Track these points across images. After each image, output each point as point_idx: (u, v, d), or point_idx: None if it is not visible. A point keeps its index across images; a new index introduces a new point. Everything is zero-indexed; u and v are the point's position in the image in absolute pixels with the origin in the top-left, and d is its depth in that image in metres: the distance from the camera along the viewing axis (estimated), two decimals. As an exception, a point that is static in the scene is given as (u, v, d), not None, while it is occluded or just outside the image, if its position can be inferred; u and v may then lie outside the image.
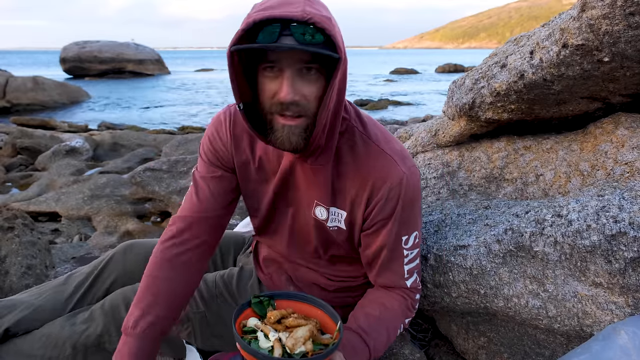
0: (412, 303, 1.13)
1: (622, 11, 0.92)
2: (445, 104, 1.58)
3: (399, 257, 1.09)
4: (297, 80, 0.87)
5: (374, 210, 1.04)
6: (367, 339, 1.04)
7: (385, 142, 1.05)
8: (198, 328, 1.21)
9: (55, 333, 1.15)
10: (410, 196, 1.04)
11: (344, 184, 1.05)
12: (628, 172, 1.12)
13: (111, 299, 1.21)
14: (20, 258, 1.86)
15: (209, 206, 1.12)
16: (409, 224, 1.07)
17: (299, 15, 0.80)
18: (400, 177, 1.01)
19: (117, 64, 30.63)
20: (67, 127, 9.91)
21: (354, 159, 1.03)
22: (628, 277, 0.96)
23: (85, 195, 3.39)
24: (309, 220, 1.12)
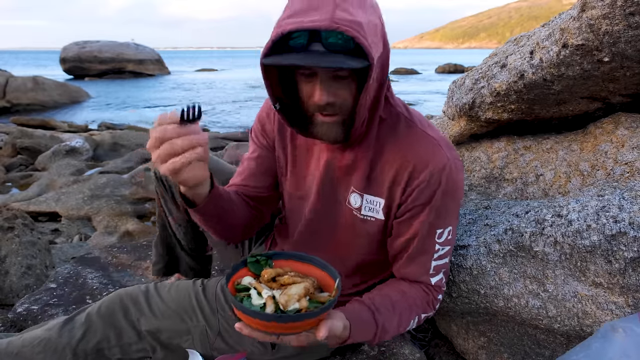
0: (434, 300, 1.07)
1: (622, 11, 0.92)
2: (445, 104, 1.58)
3: (429, 250, 1.03)
4: (331, 84, 0.88)
5: (412, 195, 0.99)
6: (377, 315, 0.99)
7: (430, 128, 1.03)
8: (198, 341, 1.19)
9: (54, 338, 1.13)
10: (451, 186, 0.98)
11: (382, 169, 1.02)
12: (628, 172, 1.12)
13: (108, 302, 1.19)
14: (20, 258, 1.86)
15: (249, 182, 1.18)
16: (446, 217, 1.01)
17: (327, 24, 0.78)
18: (444, 163, 0.97)
19: (117, 64, 30.65)
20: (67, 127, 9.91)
21: (396, 142, 1.00)
22: (628, 277, 0.96)
23: (85, 195, 3.39)
24: (341, 214, 1.09)
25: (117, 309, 1.17)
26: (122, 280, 1.91)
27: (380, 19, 0.88)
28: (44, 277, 1.91)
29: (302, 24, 0.79)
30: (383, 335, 1.00)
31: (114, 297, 1.21)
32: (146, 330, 1.17)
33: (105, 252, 2.15)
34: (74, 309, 1.63)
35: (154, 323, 1.17)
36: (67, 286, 1.77)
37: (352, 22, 0.78)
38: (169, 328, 1.18)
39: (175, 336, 1.18)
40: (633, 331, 0.89)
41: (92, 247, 2.45)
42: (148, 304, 1.19)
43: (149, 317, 1.17)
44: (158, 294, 1.22)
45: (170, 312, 1.19)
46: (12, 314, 1.59)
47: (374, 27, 0.84)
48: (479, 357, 1.40)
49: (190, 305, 1.21)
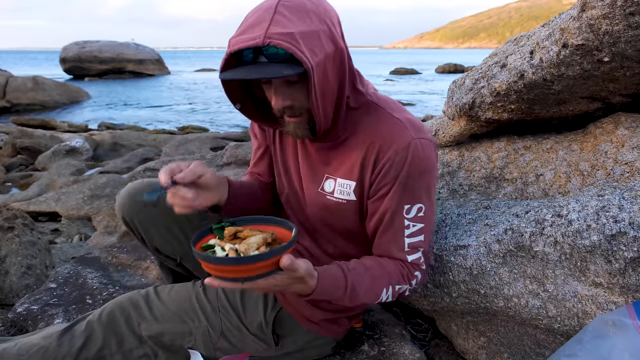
0: (409, 274, 1.10)
1: (622, 11, 0.92)
2: (445, 104, 1.58)
3: (399, 226, 1.07)
4: (285, 89, 0.97)
5: (380, 174, 1.04)
6: (347, 272, 1.03)
7: (398, 111, 1.08)
8: (201, 342, 1.19)
9: (53, 347, 1.12)
10: (418, 164, 1.03)
11: (352, 153, 1.08)
12: (628, 172, 1.12)
13: (109, 310, 1.19)
14: (20, 258, 1.86)
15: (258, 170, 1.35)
16: (414, 194, 1.05)
17: (261, 41, 0.86)
18: (407, 141, 1.02)
19: (117, 64, 30.65)
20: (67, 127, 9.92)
21: (364, 128, 1.07)
22: (628, 277, 0.96)
23: (85, 195, 3.39)
24: (318, 198, 1.15)
25: (118, 316, 1.17)
26: (122, 280, 1.91)
27: (327, 24, 0.95)
28: (44, 277, 1.91)
29: (243, 42, 0.88)
30: (353, 295, 1.03)
31: (115, 304, 1.21)
32: (147, 335, 1.17)
33: (105, 252, 2.15)
34: (74, 309, 1.63)
35: (156, 327, 1.18)
36: (67, 286, 1.77)
37: (283, 34, 0.86)
38: (171, 330, 1.18)
39: (177, 338, 1.19)
40: (623, 323, 0.90)
41: (92, 247, 2.45)
42: (149, 308, 1.19)
43: (150, 322, 1.18)
44: (158, 297, 1.22)
45: (171, 315, 1.19)
46: (12, 314, 1.59)
47: (313, 34, 0.91)
48: (479, 357, 1.40)
49: (191, 306, 1.21)
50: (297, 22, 0.90)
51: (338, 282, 1.01)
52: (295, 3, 0.92)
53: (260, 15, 0.90)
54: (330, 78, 0.96)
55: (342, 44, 0.98)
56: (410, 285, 1.11)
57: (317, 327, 1.23)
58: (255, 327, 1.20)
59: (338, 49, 0.96)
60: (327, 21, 0.95)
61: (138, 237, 1.37)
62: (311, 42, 0.90)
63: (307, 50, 0.88)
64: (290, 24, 0.89)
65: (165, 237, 1.34)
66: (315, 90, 0.92)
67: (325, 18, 0.95)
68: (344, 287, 1.02)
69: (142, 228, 1.33)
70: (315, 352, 1.28)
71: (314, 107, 0.96)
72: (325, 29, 0.94)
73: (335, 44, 0.95)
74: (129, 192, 1.30)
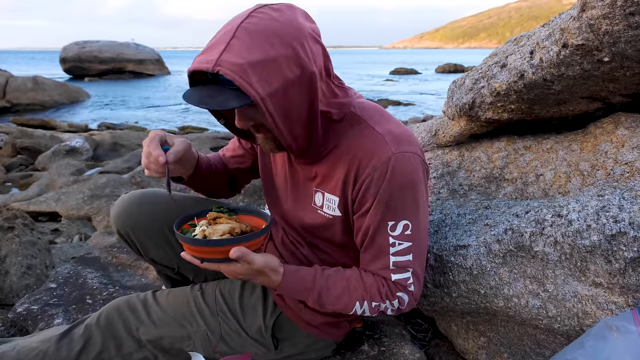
0: (388, 293, 1.06)
1: (622, 11, 0.92)
2: (445, 104, 1.58)
3: (383, 243, 1.04)
4: (246, 111, 0.96)
5: (361, 190, 1.02)
6: (318, 277, 1.06)
7: (380, 123, 1.04)
8: (200, 346, 1.19)
9: (51, 351, 1.13)
10: (399, 180, 0.99)
11: (335, 168, 1.07)
12: (628, 172, 1.12)
13: (106, 313, 1.19)
14: (20, 258, 1.86)
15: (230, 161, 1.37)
16: (397, 210, 1.01)
17: (210, 67, 0.85)
18: (387, 157, 0.98)
19: (117, 64, 30.65)
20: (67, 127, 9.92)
21: (346, 142, 1.05)
22: (628, 277, 0.96)
23: (85, 195, 3.39)
24: (310, 212, 1.15)
25: (116, 320, 1.18)
26: (122, 280, 1.91)
27: (293, 47, 0.89)
28: (44, 277, 1.91)
29: (198, 64, 0.88)
30: (321, 301, 1.06)
31: (112, 307, 1.21)
32: (146, 340, 1.17)
33: (105, 252, 2.15)
34: (74, 309, 1.63)
35: (154, 332, 1.18)
36: (67, 286, 1.77)
37: (233, 64, 0.85)
38: (170, 335, 1.18)
39: (176, 342, 1.19)
40: (626, 329, 0.89)
41: (92, 247, 2.45)
42: (147, 313, 1.20)
43: (148, 326, 1.18)
44: (156, 301, 1.22)
45: (169, 319, 1.19)
46: (12, 314, 1.59)
47: (270, 62, 0.87)
48: (479, 357, 1.40)
49: (190, 310, 1.21)
50: (253, 49, 0.86)
51: (305, 284, 1.05)
52: (259, 26, 0.88)
53: (221, 37, 0.89)
54: (295, 101, 0.92)
55: (312, 66, 0.92)
56: (392, 305, 1.07)
57: (317, 330, 1.23)
58: (254, 331, 1.20)
59: (306, 71, 0.91)
60: (294, 43, 0.90)
61: (134, 248, 1.38)
62: (264, 71, 0.87)
63: (256, 82, 0.86)
64: (244, 52, 0.86)
65: (162, 248, 1.34)
66: (272, 117, 0.91)
67: (292, 40, 0.89)
68: (310, 289, 1.05)
69: (138, 240, 1.33)
70: (315, 354, 1.28)
71: (274, 131, 0.95)
72: (289, 54, 0.89)
73: (302, 68, 0.90)
74: (123, 205, 1.31)
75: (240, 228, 1.02)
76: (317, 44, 0.95)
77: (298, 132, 0.97)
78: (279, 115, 0.92)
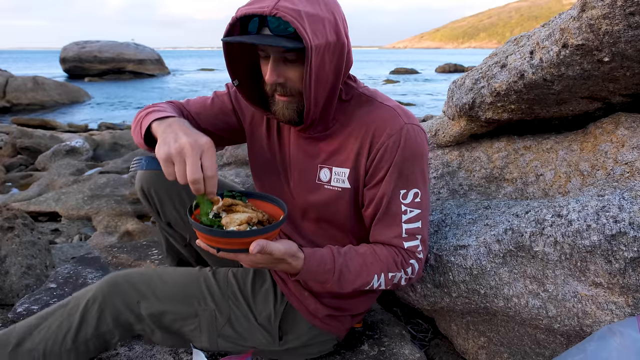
0: (403, 262, 1.09)
1: (622, 11, 0.92)
2: (445, 104, 1.58)
3: (396, 212, 1.07)
4: (280, 65, 0.99)
5: (375, 159, 1.06)
6: (337, 256, 1.05)
7: (389, 100, 1.11)
8: (205, 326, 1.19)
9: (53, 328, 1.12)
10: (411, 149, 1.05)
11: (347, 142, 1.10)
12: (628, 172, 1.12)
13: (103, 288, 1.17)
14: (20, 258, 1.86)
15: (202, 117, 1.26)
16: (409, 179, 1.07)
17: (268, 10, 0.89)
18: (400, 126, 1.04)
19: (117, 64, 30.64)
20: (67, 127, 9.92)
21: (358, 117, 1.09)
22: (628, 277, 0.96)
23: (85, 195, 3.39)
24: (314, 189, 1.16)
25: (115, 294, 1.16)
26: (122, 280, 1.91)
27: (334, 16, 0.98)
28: (44, 277, 1.91)
29: (249, 9, 0.92)
30: (342, 279, 1.05)
31: (109, 282, 1.18)
32: (148, 314, 1.17)
33: (105, 252, 2.15)
34: (74, 309, 1.63)
35: (157, 306, 1.17)
36: (67, 286, 1.77)
37: (291, 9, 0.90)
38: (173, 311, 1.18)
39: (179, 319, 1.18)
40: (630, 336, 0.88)
41: (92, 247, 2.45)
42: (151, 288, 1.18)
43: (151, 301, 1.17)
44: (161, 278, 1.21)
45: (175, 296, 1.18)
46: (12, 314, 1.59)
47: (319, 19, 0.94)
48: (479, 357, 1.40)
49: (199, 289, 1.20)
50: (305, 4, 0.93)
51: (325, 265, 1.03)
52: None
53: None
54: (327, 66, 0.97)
55: (345, 38, 1.00)
56: (406, 274, 1.10)
57: (320, 322, 1.23)
58: (263, 318, 1.21)
59: (340, 40, 0.98)
60: (334, 12, 0.98)
61: (153, 208, 1.38)
62: (315, 24, 0.92)
63: (309, 30, 0.91)
64: (299, 3, 0.92)
65: (178, 211, 1.35)
66: (310, 72, 0.95)
67: (333, 9, 0.98)
68: (331, 270, 1.03)
69: (158, 199, 1.33)
70: (317, 348, 1.28)
71: (306, 89, 0.97)
72: (331, 18, 0.96)
73: (338, 36, 0.97)
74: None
75: (257, 217, 0.99)
76: (347, 27, 1.03)
77: (320, 98, 1.01)
78: (315, 72, 0.95)
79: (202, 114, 1.26)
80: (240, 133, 1.31)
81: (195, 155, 0.88)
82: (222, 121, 1.28)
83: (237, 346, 1.22)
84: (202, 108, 1.27)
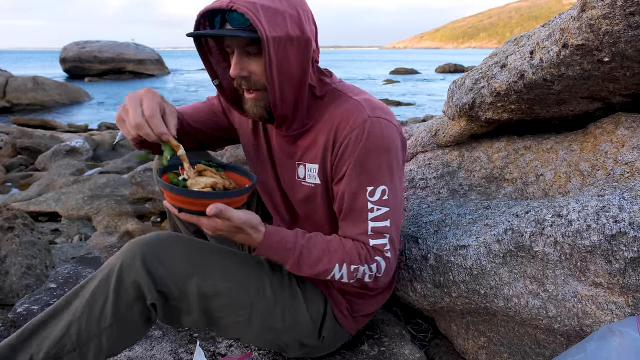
0: (367, 258, 1.06)
1: (622, 11, 0.92)
2: (445, 104, 1.58)
3: (361, 208, 1.05)
4: (244, 59, 1.01)
5: (338, 153, 1.06)
6: (299, 237, 1.05)
7: (358, 94, 1.10)
8: (258, 316, 1.10)
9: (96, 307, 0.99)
10: (375, 143, 1.02)
11: (316, 138, 1.10)
12: (628, 172, 1.12)
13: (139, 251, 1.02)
14: (20, 258, 1.86)
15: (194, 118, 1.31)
16: (375, 175, 1.04)
17: (225, 4, 0.93)
18: (363, 119, 1.03)
19: (117, 64, 30.63)
20: (67, 127, 9.91)
21: (327, 113, 1.10)
22: (628, 277, 0.96)
23: (85, 195, 3.39)
24: (295, 185, 1.18)
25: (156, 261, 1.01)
26: (122, 280, 1.91)
27: (296, 10, 0.99)
28: (44, 277, 1.91)
29: (211, 5, 0.96)
30: (301, 258, 1.04)
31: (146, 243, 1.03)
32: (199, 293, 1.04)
33: (105, 252, 2.15)
34: (74, 309, 1.63)
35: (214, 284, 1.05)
36: (67, 286, 1.77)
37: (247, 2, 0.93)
38: (229, 293, 1.07)
39: (230, 306, 1.08)
40: (630, 335, 0.88)
41: (92, 247, 2.45)
42: (207, 262, 1.07)
43: (207, 277, 1.05)
44: (220, 254, 1.11)
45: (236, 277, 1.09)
46: (12, 314, 1.59)
47: (277, 12, 0.95)
48: (479, 357, 1.40)
49: (260, 275, 1.13)
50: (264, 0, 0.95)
51: (286, 244, 1.03)
52: None
53: None
54: (291, 60, 0.98)
55: (309, 35, 1.00)
56: (370, 270, 1.07)
57: (341, 315, 1.25)
58: (313, 311, 1.19)
59: (304, 35, 0.99)
60: (298, 8, 0.99)
61: None
62: (272, 17, 0.94)
63: (265, 22, 0.93)
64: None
65: None
66: (270, 63, 0.95)
67: (297, 5, 1.00)
68: (290, 249, 1.03)
69: None
70: (334, 344, 1.29)
71: (269, 81, 0.98)
72: (293, 13, 0.98)
73: (302, 31, 0.98)
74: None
75: (224, 184, 0.98)
76: (313, 24, 1.04)
77: (287, 93, 1.02)
78: (276, 65, 0.96)
79: (193, 115, 1.32)
80: (232, 132, 1.36)
81: (134, 103, 0.95)
82: (212, 122, 1.34)
83: (275, 340, 1.16)
84: (194, 109, 1.34)
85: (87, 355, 0.99)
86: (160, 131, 0.95)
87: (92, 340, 0.98)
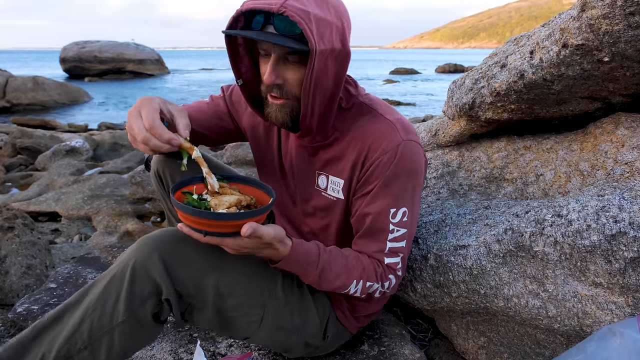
0: (383, 276, 1.08)
1: (622, 11, 0.92)
2: (445, 104, 1.58)
3: (383, 229, 1.06)
4: (280, 65, 0.96)
5: (367, 172, 1.04)
6: (322, 251, 1.03)
7: (390, 113, 1.09)
8: (270, 316, 1.10)
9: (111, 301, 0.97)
10: (405, 166, 1.03)
11: (345, 152, 1.08)
12: (628, 172, 1.12)
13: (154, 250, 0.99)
14: (20, 258, 1.86)
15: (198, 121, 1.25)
16: (399, 197, 1.04)
17: (275, 8, 0.86)
18: (397, 142, 1.02)
19: (117, 64, 30.64)
20: (67, 127, 9.91)
21: (357, 128, 1.07)
22: (628, 277, 0.96)
23: (85, 195, 3.39)
24: (313, 194, 1.16)
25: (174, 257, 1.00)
26: (122, 280, 1.90)
27: (341, 22, 0.95)
28: (44, 277, 1.91)
29: (256, 4, 0.89)
30: (322, 275, 1.02)
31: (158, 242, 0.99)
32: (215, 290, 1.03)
33: (105, 252, 2.15)
34: (74, 309, 1.63)
35: (230, 283, 1.04)
36: (67, 286, 1.77)
37: (300, 10, 0.87)
38: (244, 293, 1.07)
39: (244, 306, 1.07)
40: (630, 336, 0.88)
41: (92, 247, 2.45)
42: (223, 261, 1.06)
43: (223, 276, 1.04)
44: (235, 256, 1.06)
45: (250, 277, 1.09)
46: (12, 314, 1.59)
47: (326, 23, 0.91)
48: (479, 357, 1.40)
49: (272, 277, 1.13)
50: (314, 6, 0.90)
51: (310, 257, 1.01)
52: None
53: None
54: (329, 73, 0.95)
55: (349, 49, 0.98)
56: (382, 287, 1.10)
57: (342, 315, 1.25)
58: (321, 312, 1.20)
59: (345, 49, 0.96)
60: (343, 20, 0.96)
61: (165, 192, 1.36)
62: (322, 28, 0.90)
63: (316, 33, 0.88)
64: (308, 4, 0.89)
65: None
66: (311, 76, 0.92)
67: (342, 15, 0.96)
68: (314, 262, 1.01)
69: (172, 180, 1.31)
70: (336, 343, 1.29)
71: (304, 94, 0.95)
72: (339, 25, 0.94)
73: (343, 43, 0.96)
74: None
75: (246, 200, 0.96)
76: (350, 33, 1.00)
77: (317, 105, 0.99)
78: (315, 78, 0.93)
79: (197, 118, 1.25)
80: (237, 134, 1.33)
81: (135, 118, 0.91)
82: (216, 124, 1.29)
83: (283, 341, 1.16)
84: (197, 111, 1.27)
85: (99, 354, 0.96)
86: (165, 139, 0.91)
87: (104, 336, 0.95)
